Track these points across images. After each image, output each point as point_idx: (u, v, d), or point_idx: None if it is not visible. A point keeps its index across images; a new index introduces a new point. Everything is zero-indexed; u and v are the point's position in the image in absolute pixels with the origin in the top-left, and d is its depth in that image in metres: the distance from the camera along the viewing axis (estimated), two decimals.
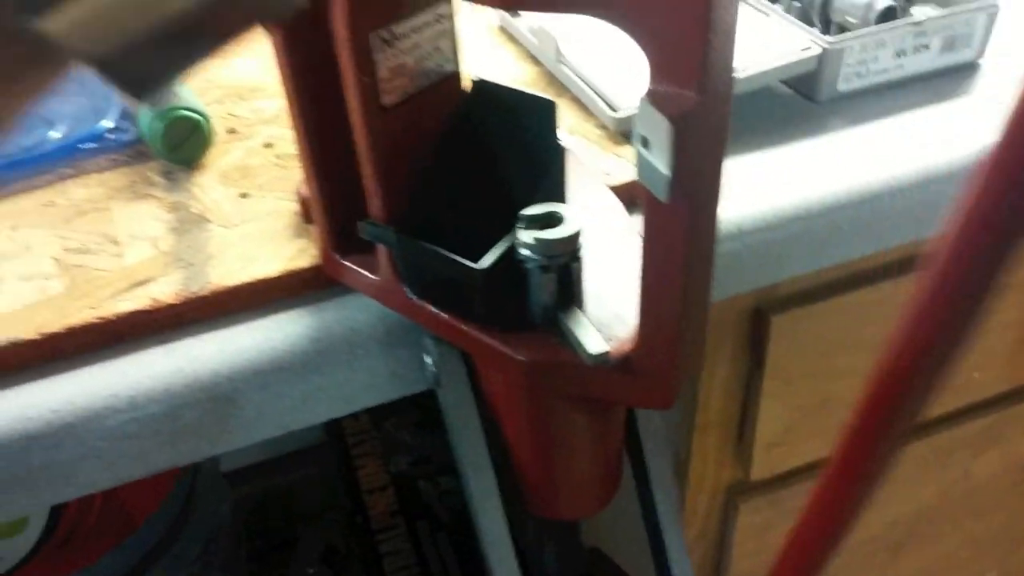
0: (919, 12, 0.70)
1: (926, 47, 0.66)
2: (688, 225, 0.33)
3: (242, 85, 0.69)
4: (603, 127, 0.62)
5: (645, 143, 0.31)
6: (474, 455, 0.48)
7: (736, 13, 0.30)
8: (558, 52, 0.66)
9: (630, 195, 0.57)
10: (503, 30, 0.75)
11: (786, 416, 0.69)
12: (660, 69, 0.30)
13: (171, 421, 0.47)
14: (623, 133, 0.61)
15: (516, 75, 0.69)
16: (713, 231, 0.36)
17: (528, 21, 0.73)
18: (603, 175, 0.57)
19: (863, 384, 0.28)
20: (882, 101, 0.66)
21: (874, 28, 0.64)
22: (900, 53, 0.66)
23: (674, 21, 0.29)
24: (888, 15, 0.66)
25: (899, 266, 0.66)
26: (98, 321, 0.48)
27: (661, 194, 0.31)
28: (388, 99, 0.40)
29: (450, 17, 0.42)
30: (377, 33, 0.38)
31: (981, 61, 0.69)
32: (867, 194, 0.58)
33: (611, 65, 0.64)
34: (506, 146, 0.45)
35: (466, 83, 0.46)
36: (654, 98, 0.30)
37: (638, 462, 0.53)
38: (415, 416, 1.07)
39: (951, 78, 0.68)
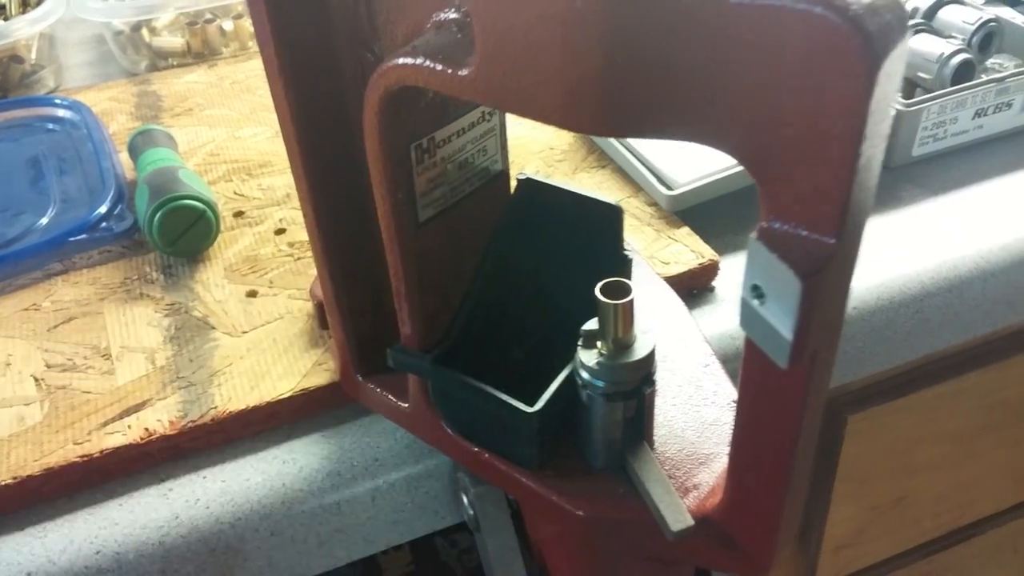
0: (996, 65, 0.64)
1: (1008, 105, 0.60)
2: (806, 391, 0.26)
3: (250, 159, 0.63)
4: (653, 204, 0.55)
5: (759, 295, 0.24)
6: None
7: (887, 131, 0.23)
8: None
9: (688, 285, 0.50)
10: None
11: (858, 517, 0.62)
12: (785, 206, 0.23)
13: None
14: (678, 213, 0.54)
15: (549, 143, 0.63)
16: (827, 385, 0.29)
17: None
18: (658, 264, 0.50)
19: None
20: (960, 166, 0.59)
21: (954, 88, 0.57)
22: (980, 113, 0.59)
23: (815, 150, 0.22)
24: (964, 70, 0.59)
25: (986, 353, 0.59)
26: (82, 460, 0.41)
27: (780, 360, 0.25)
28: (425, 214, 0.33)
29: (497, 113, 0.35)
30: (417, 144, 0.31)
31: None
32: (955, 279, 0.51)
33: None
34: (561, 255, 0.39)
35: (512, 181, 0.39)
36: (775, 243, 0.23)
37: None
38: None
39: None
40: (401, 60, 0.29)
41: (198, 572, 0.40)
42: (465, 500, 0.41)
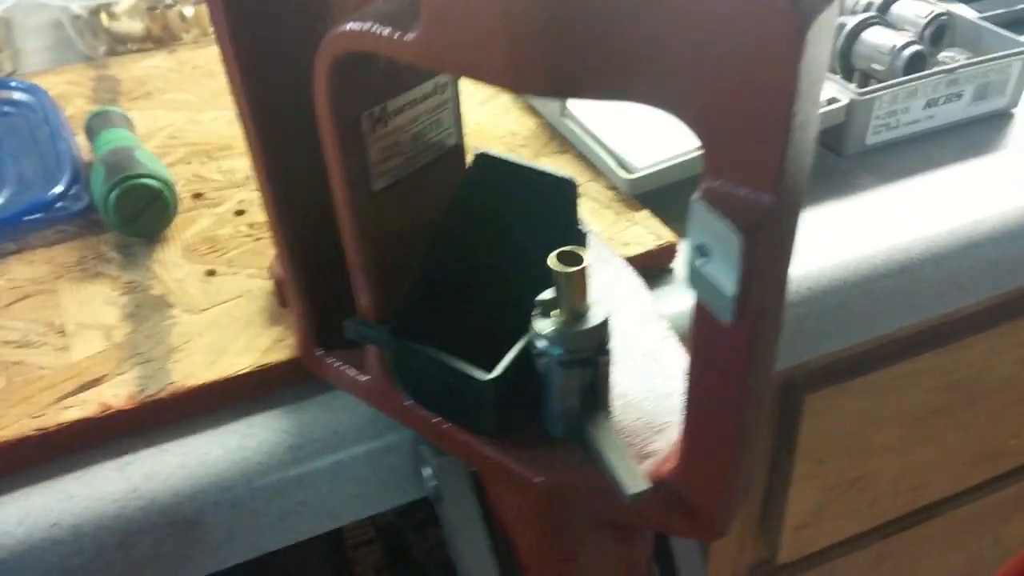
0: (948, 58, 0.65)
1: (958, 96, 0.61)
2: (752, 347, 0.27)
3: (209, 142, 0.63)
4: (613, 188, 0.56)
5: (703, 252, 0.25)
6: None
7: (820, 94, 0.24)
8: (563, 105, 0.60)
9: (647, 266, 0.51)
10: None
11: (817, 496, 0.63)
12: (725, 165, 0.24)
13: (123, 552, 0.40)
14: (638, 196, 0.55)
15: (511, 129, 0.63)
16: (776, 345, 0.30)
17: None
18: (618, 246, 0.51)
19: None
20: (912, 154, 0.61)
21: (906, 78, 0.58)
22: (931, 103, 0.60)
23: (750, 109, 0.23)
24: (916, 61, 0.61)
25: (940, 335, 0.60)
26: (38, 433, 0.41)
27: (725, 315, 0.25)
28: (379, 183, 0.33)
29: (452, 84, 0.35)
30: (369, 112, 0.32)
31: (1015, 110, 0.64)
32: (907, 262, 0.53)
33: (621, 119, 0.58)
34: (516, 229, 0.39)
35: (468, 155, 0.39)
36: (717, 201, 0.24)
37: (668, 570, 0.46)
38: None
39: (983, 127, 0.63)
40: (349, 26, 0.29)
41: (156, 544, 0.40)
42: (427, 472, 0.41)
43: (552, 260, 0.33)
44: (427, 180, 0.36)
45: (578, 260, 0.32)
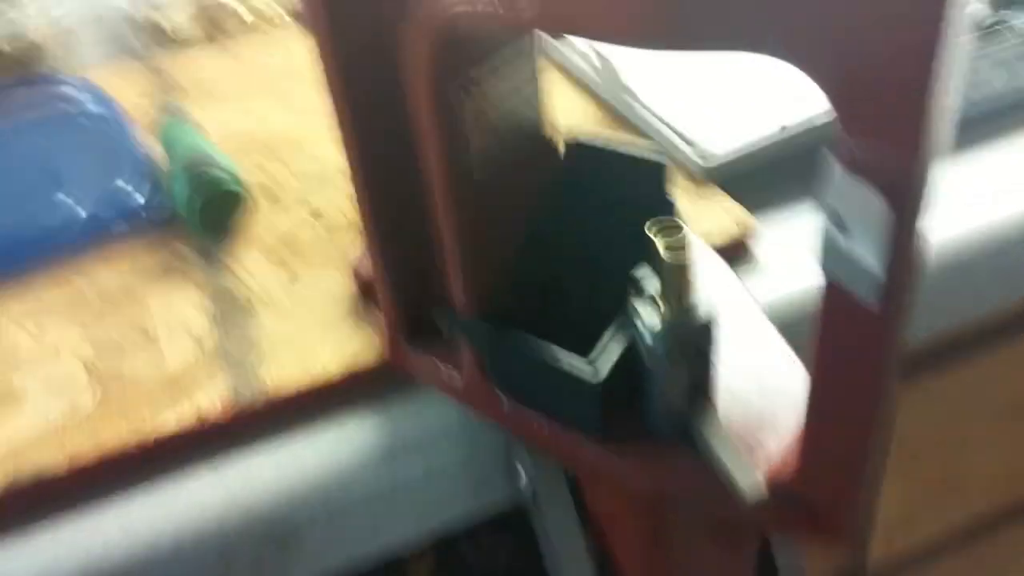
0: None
1: None
2: (896, 331, 0.25)
3: (279, 141, 0.63)
4: (684, 170, 0.54)
5: (840, 227, 0.23)
6: None
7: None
8: (623, 85, 0.58)
9: (729, 254, 0.49)
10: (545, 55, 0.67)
11: (909, 494, 0.61)
12: (865, 125, 0.22)
13: (224, 565, 0.40)
14: (713, 181, 0.53)
15: (570, 113, 0.61)
16: (905, 326, 0.28)
17: (578, 44, 0.64)
18: (697, 233, 0.49)
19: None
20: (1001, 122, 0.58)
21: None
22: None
23: (895, 61, 0.21)
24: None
25: None
26: (137, 446, 0.41)
27: (869, 295, 0.24)
28: (477, 171, 0.33)
29: (542, 73, 0.34)
30: (466, 91, 0.31)
31: None
32: (1003, 238, 0.50)
33: (689, 97, 0.56)
34: (608, 214, 0.38)
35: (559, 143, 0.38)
36: (858, 165, 0.22)
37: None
38: None
39: None
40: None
41: (256, 557, 0.40)
42: (522, 476, 0.40)
43: (660, 248, 0.31)
44: (522, 171, 0.35)
45: (678, 229, 0.31)
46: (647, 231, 0.31)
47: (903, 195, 0.22)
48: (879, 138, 0.22)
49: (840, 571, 0.68)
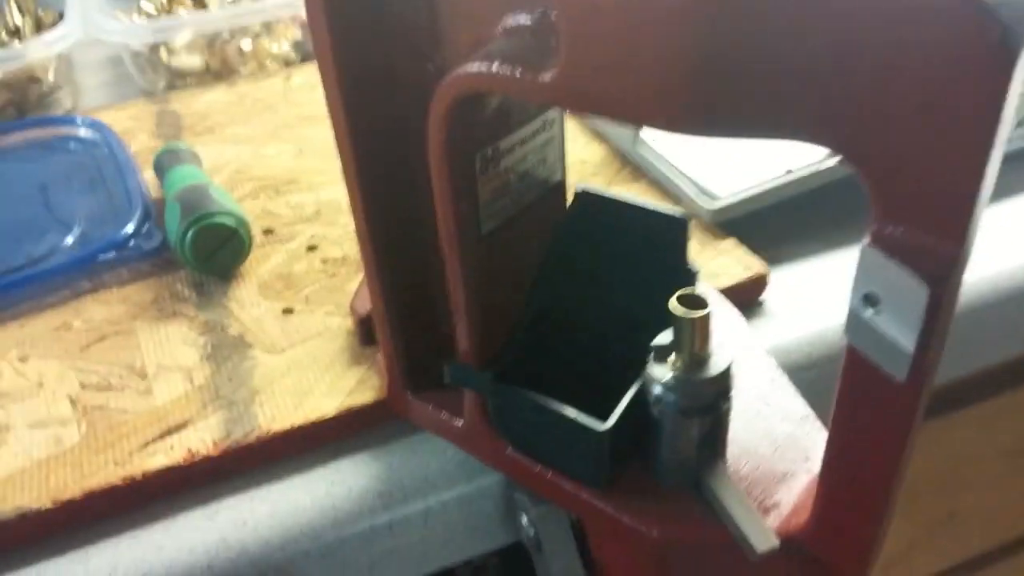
0: None
1: None
2: (920, 404, 0.25)
3: (276, 177, 0.62)
4: (694, 216, 0.54)
5: (872, 303, 0.23)
6: None
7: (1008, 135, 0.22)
8: (635, 132, 0.59)
9: (737, 299, 0.49)
10: None
11: (909, 533, 0.60)
12: (904, 210, 0.22)
13: None
14: (720, 224, 0.53)
15: (580, 156, 0.62)
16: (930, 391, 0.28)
17: None
18: (706, 278, 0.49)
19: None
20: (1011, 173, 0.58)
21: None
22: None
23: (940, 150, 0.21)
24: None
25: None
26: (124, 482, 0.40)
27: (898, 371, 0.23)
28: (487, 225, 0.32)
29: (558, 122, 0.34)
30: (482, 153, 0.30)
31: None
32: (1015, 290, 0.50)
33: (695, 141, 0.57)
34: (620, 268, 0.38)
35: (569, 193, 0.38)
36: (896, 249, 0.22)
37: None
38: None
39: None
40: (474, 67, 0.28)
41: None
42: (524, 520, 0.40)
43: (674, 303, 0.31)
44: (531, 219, 0.35)
45: (702, 304, 0.31)
46: (671, 307, 0.30)
47: (945, 281, 0.22)
48: (925, 228, 0.22)
49: None
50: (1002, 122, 0.20)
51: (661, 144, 0.58)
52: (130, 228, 0.55)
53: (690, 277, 0.36)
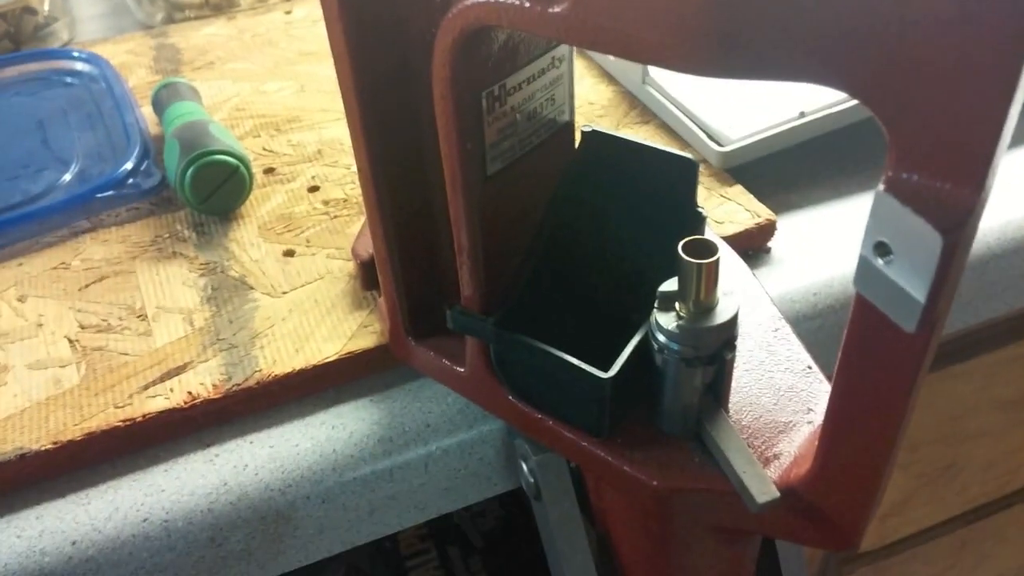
0: None
1: None
2: (927, 355, 0.24)
3: (277, 114, 0.61)
4: (702, 160, 0.53)
5: (884, 252, 0.23)
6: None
7: None
8: (644, 71, 0.57)
9: (744, 246, 0.48)
10: None
11: (907, 485, 0.61)
12: (921, 158, 0.21)
13: (215, 547, 0.38)
14: (728, 169, 0.52)
15: (588, 98, 0.60)
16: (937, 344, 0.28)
17: None
18: (712, 224, 0.48)
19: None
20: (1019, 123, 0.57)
21: None
22: None
23: (961, 97, 0.20)
24: None
25: None
26: (124, 424, 0.39)
27: (908, 321, 0.23)
28: (493, 167, 0.31)
29: (567, 59, 0.33)
30: (489, 91, 0.29)
31: None
32: (1021, 241, 0.49)
33: (708, 87, 0.55)
34: (627, 211, 0.37)
35: (576, 133, 0.37)
36: (909, 196, 0.21)
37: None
38: None
39: None
40: None
41: (248, 540, 0.39)
42: (524, 468, 0.39)
43: (681, 250, 0.30)
44: (538, 161, 0.34)
45: (711, 251, 0.30)
46: (680, 252, 0.30)
47: (960, 231, 0.21)
48: (944, 175, 0.21)
49: (830, 555, 0.68)
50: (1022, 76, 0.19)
51: (670, 86, 0.56)
52: (129, 166, 0.54)
53: (699, 221, 0.35)
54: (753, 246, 0.49)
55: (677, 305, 0.32)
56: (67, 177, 0.55)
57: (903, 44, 0.21)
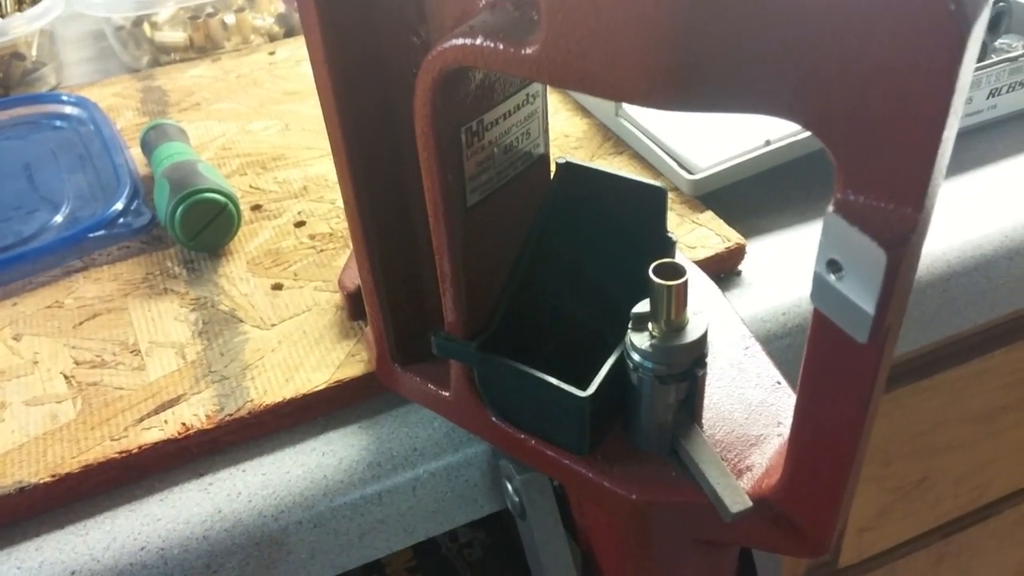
0: (1005, 45, 0.64)
1: (1022, 84, 0.60)
2: (881, 365, 0.26)
3: (263, 153, 0.63)
4: (674, 188, 0.55)
5: (835, 269, 0.24)
6: None
7: (962, 108, 0.23)
8: (617, 105, 0.60)
9: (715, 269, 0.50)
10: None
11: (881, 499, 0.62)
12: (865, 180, 0.23)
13: (210, 574, 0.39)
14: (699, 197, 0.54)
15: (563, 130, 0.63)
16: (891, 358, 0.30)
17: None
18: (684, 249, 0.50)
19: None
20: (977, 146, 0.60)
21: None
22: (994, 92, 0.59)
23: (899, 121, 0.22)
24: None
25: (1010, 332, 0.59)
26: (120, 456, 0.41)
27: (859, 333, 0.25)
28: (473, 198, 0.33)
29: (540, 95, 0.35)
30: (468, 127, 0.31)
31: None
32: (981, 258, 0.52)
33: (679, 119, 0.58)
34: (602, 237, 0.39)
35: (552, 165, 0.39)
36: (856, 216, 0.23)
37: None
38: None
39: None
40: (459, 41, 0.28)
41: (242, 566, 0.40)
42: (509, 487, 0.41)
43: (651, 273, 0.32)
44: (516, 192, 0.36)
45: (679, 273, 0.32)
46: (651, 274, 0.32)
47: (902, 246, 0.23)
48: (886, 196, 0.23)
49: (812, 567, 0.69)
50: (956, 93, 0.21)
51: (642, 118, 0.58)
52: (119, 206, 0.55)
53: (669, 246, 0.37)
54: (724, 269, 0.51)
55: (650, 325, 0.34)
56: (59, 218, 0.57)
57: (845, 82, 0.23)
